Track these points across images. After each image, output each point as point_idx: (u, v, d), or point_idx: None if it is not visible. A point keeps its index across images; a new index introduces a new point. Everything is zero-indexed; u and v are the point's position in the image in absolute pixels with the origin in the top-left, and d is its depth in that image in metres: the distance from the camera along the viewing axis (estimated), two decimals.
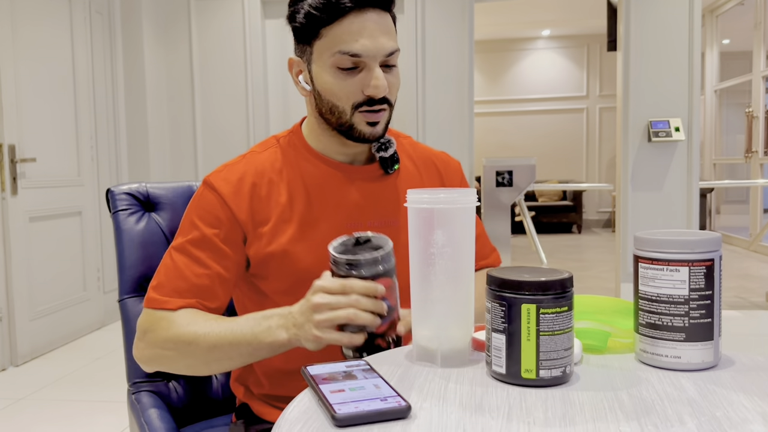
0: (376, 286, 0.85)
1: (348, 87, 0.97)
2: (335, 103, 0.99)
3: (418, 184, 1.11)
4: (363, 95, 0.97)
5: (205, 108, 4.31)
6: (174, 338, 0.93)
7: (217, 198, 1.01)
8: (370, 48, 0.94)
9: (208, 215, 1.00)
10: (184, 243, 1.00)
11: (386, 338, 0.88)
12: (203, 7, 4.26)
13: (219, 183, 1.02)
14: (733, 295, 4.45)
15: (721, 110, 7.48)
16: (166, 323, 0.94)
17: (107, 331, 3.81)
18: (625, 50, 3.98)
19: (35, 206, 3.32)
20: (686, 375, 0.76)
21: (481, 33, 8.04)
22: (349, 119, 0.99)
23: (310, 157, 1.05)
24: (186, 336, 0.93)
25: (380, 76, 0.96)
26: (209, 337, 0.92)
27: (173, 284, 0.97)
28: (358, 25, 0.94)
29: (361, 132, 0.99)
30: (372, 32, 0.94)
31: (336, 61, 0.96)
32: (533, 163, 3.98)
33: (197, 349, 0.92)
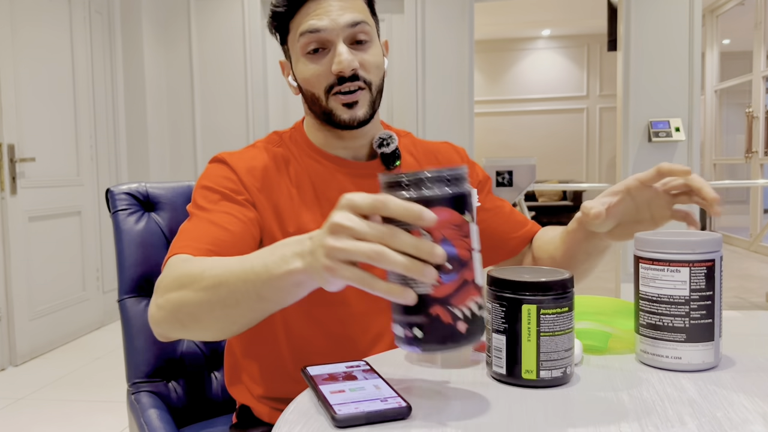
0: (421, 210, 0.57)
1: (317, 69, 0.97)
2: (312, 91, 0.99)
3: None
4: (333, 76, 0.97)
5: (204, 108, 4.31)
6: (180, 275, 0.78)
7: (229, 169, 0.99)
8: (328, 22, 0.95)
9: (221, 179, 0.97)
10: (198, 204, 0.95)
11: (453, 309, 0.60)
12: (203, 7, 4.26)
13: (231, 159, 1.00)
14: (733, 295, 4.45)
15: (721, 110, 7.48)
16: (174, 265, 0.82)
17: (107, 331, 3.81)
18: (625, 50, 3.98)
19: (34, 206, 3.32)
20: (687, 376, 0.75)
21: (481, 33, 8.04)
22: (326, 105, 0.99)
23: (313, 153, 1.05)
24: (192, 271, 0.77)
25: (343, 51, 0.95)
26: (216, 270, 0.74)
27: (190, 237, 0.90)
28: (315, 5, 0.96)
29: (340, 117, 0.99)
30: (329, 9, 0.95)
31: (302, 46, 0.96)
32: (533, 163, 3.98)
33: (201, 286, 0.75)
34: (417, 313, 0.61)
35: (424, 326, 0.61)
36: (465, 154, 1.19)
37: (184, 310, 0.77)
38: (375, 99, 1.01)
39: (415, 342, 0.62)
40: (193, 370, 1.27)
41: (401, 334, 0.63)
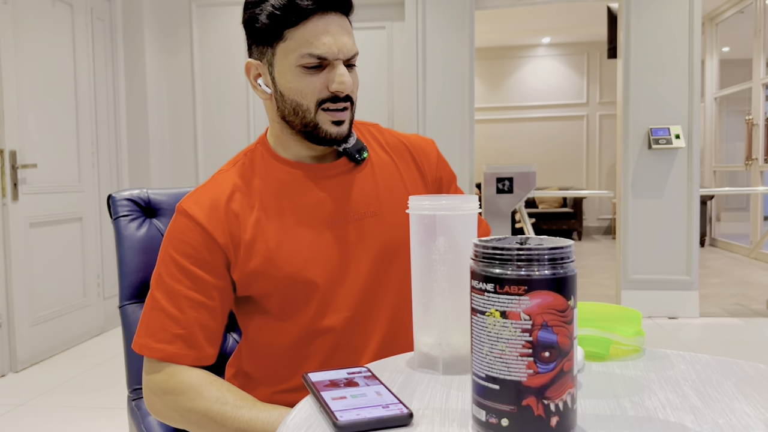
0: None
1: (313, 84, 0.98)
2: (299, 101, 0.99)
3: (393, 170, 1.11)
4: (328, 92, 0.99)
5: (205, 114, 4.32)
6: (202, 412, 0.94)
7: (193, 223, 0.99)
8: (335, 48, 0.97)
9: (184, 245, 0.99)
10: (162, 279, 0.99)
11: (547, 402, 0.58)
12: (204, 13, 4.27)
13: (192, 208, 1.00)
14: (734, 302, 4.45)
15: (721, 118, 7.49)
16: (193, 393, 0.95)
17: (107, 338, 3.81)
18: (625, 57, 3.99)
19: (36, 212, 3.32)
20: (688, 382, 0.75)
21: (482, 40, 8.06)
22: (313, 118, 1.00)
23: (279, 164, 1.05)
24: (215, 414, 0.94)
25: (345, 73, 0.98)
26: (238, 422, 0.93)
27: (165, 329, 0.97)
28: (323, 27, 0.96)
29: (327, 132, 1.00)
30: (336, 33, 0.97)
31: (302, 61, 0.97)
32: (533, 170, 3.98)
33: (223, 430, 0.93)
34: (507, 401, 0.58)
35: (512, 416, 0.58)
36: (434, 146, 1.19)
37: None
38: (353, 115, 1.05)
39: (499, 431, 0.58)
40: None
41: (483, 418, 0.59)
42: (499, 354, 0.58)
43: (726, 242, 7.32)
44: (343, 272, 1.02)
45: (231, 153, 4.25)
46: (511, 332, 0.57)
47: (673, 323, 3.88)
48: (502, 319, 0.57)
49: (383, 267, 1.05)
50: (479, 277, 0.59)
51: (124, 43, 4.12)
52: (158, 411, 0.99)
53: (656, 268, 4.02)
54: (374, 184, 1.07)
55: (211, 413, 0.94)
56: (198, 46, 4.28)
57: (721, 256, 6.76)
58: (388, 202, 1.07)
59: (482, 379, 0.59)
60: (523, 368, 0.57)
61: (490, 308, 0.58)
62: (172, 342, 0.97)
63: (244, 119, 4.27)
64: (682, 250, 3.99)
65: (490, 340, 0.58)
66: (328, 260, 1.01)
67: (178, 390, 0.96)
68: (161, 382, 0.97)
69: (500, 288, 0.57)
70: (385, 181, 1.09)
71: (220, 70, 4.28)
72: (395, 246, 1.05)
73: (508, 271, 0.57)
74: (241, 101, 4.27)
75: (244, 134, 4.28)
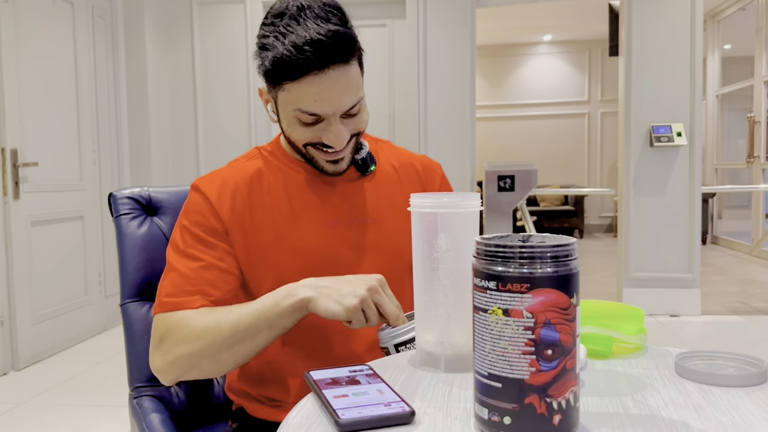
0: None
1: (306, 134, 1.01)
2: (293, 142, 1.04)
3: (397, 184, 1.14)
4: (320, 140, 1.01)
5: (207, 112, 4.32)
6: (195, 331, 0.93)
7: (203, 197, 1.04)
8: (329, 109, 0.97)
9: (195, 215, 1.04)
10: (177, 245, 1.03)
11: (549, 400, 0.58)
12: (205, 11, 4.27)
13: (204, 185, 1.06)
14: (736, 300, 4.44)
15: (722, 115, 7.48)
16: (184, 323, 0.94)
17: (109, 336, 3.81)
18: (626, 55, 3.98)
19: (37, 210, 3.32)
20: (691, 380, 0.75)
21: (483, 38, 8.05)
22: (305, 153, 1.04)
23: (290, 164, 1.09)
24: (207, 324, 0.93)
25: (339, 132, 0.99)
26: (230, 317, 0.92)
27: (177, 286, 0.98)
28: (317, 86, 0.94)
29: (323, 168, 1.05)
30: (331, 93, 0.95)
31: (296, 115, 0.98)
32: (535, 167, 3.98)
33: (219, 334, 0.91)
34: (509, 399, 0.58)
35: (515, 414, 0.57)
36: (440, 170, 1.22)
37: (205, 358, 0.93)
38: (357, 141, 1.06)
39: (502, 429, 0.58)
40: None
41: (486, 416, 0.59)
42: (502, 352, 0.58)
43: (728, 240, 7.31)
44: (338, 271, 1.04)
45: (232, 151, 4.25)
46: (514, 330, 0.57)
47: (675, 321, 3.88)
48: (504, 317, 0.57)
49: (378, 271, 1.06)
50: (481, 275, 0.59)
51: (125, 42, 4.12)
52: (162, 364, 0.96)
53: (658, 266, 4.02)
54: (377, 195, 1.11)
55: (203, 325, 0.93)
56: (199, 44, 4.28)
57: (722, 254, 6.75)
58: (389, 213, 1.10)
59: (484, 377, 0.59)
60: (525, 366, 0.57)
61: (493, 306, 0.58)
62: (178, 294, 0.98)
63: (245, 117, 4.27)
64: (683, 248, 3.98)
65: (492, 338, 0.58)
66: (324, 257, 1.04)
67: (172, 328, 0.95)
68: (158, 330, 0.97)
69: (503, 286, 0.57)
70: (387, 194, 1.12)
71: (221, 68, 4.27)
72: (393, 255, 1.08)
73: (511, 269, 0.57)
74: (242, 99, 4.26)
75: (245, 132, 4.28)
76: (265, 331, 0.91)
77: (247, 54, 4.22)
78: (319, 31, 0.92)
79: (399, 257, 1.10)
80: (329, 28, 0.93)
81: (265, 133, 4.25)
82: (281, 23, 0.94)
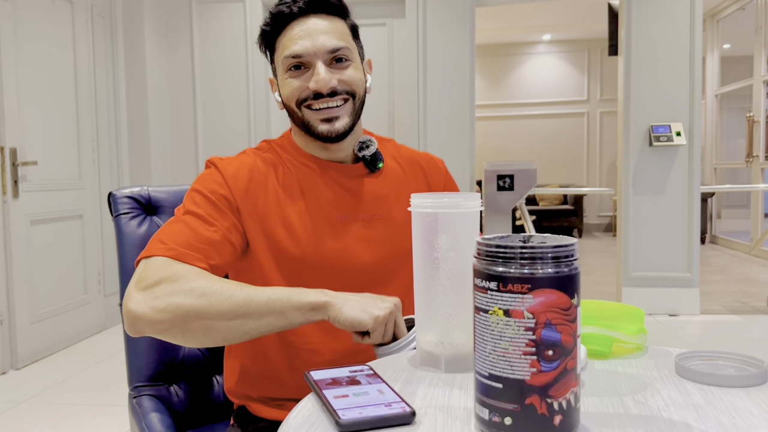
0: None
1: (295, 84, 1.04)
2: (289, 105, 1.06)
3: (403, 181, 1.16)
4: (309, 91, 1.03)
5: (206, 111, 4.31)
6: (204, 288, 0.88)
7: (219, 172, 1.05)
8: (309, 47, 1.02)
9: (211, 183, 1.04)
10: (187, 206, 1.01)
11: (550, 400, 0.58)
12: (205, 10, 4.26)
13: (221, 163, 1.07)
14: (734, 299, 4.45)
15: (721, 115, 7.48)
16: (193, 275, 0.90)
17: (108, 335, 3.81)
18: (626, 55, 3.98)
19: (36, 209, 3.32)
20: (691, 381, 0.75)
21: (482, 37, 8.05)
22: (302, 116, 1.06)
23: (301, 158, 1.11)
24: (218, 287, 0.88)
25: (321, 71, 1.02)
26: (245, 290, 0.88)
27: (185, 238, 0.95)
28: (298, 29, 1.03)
29: (317, 129, 1.05)
30: (311, 33, 1.02)
31: (284, 65, 1.04)
32: (534, 167, 3.98)
33: (228, 301, 0.87)
34: (510, 399, 0.57)
35: (515, 415, 0.57)
36: (443, 165, 1.24)
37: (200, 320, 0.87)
38: (357, 110, 1.08)
39: (502, 430, 0.58)
40: (195, 374, 1.27)
41: (486, 417, 0.59)
42: (503, 352, 0.58)
43: (727, 239, 7.32)
44: (345, 265, 1.06)
45: (232, 150, 4.25)
46: (515, 331, 0.57)
47: (674, 320, 3.88)
48: (505, 318, 0.57)
49: (387, 268, 1.09)
50: (482, 276, 0.59)
51: (125, 40, 4.11)
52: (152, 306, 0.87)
53: (657, 266, 4.02)
54: (385, 191, 1.12)
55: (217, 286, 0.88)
56: (198, 42, 4.27)
57: (721, 254, 6.76)
58: (397, 209, 1.12)
59: (485, 377, 0.59)
60: (526, 367, 0.57)
61: (493, 306, 0.58)
62: (184, 246, 0.94)
63: (245, 116, 4.27)
64: (682, 248, 3.98)
65: (493, 338, 0.58)
66: (335, 252, 1.05)
67: (177, 275, 0.90)
68: (156, 272, 0.90)
69: (503, 286, 0.57)
70: (395, 190, 1.14)
71: (220, 67, 4.27)
72: (402, 251, 1.09)
73: (512, 269, 0.57)
74: (241, 98, 4.26)
75: (244, 131, 4.27)
76: (273, 317, 0.88)
77: (247, 53, 4.22)
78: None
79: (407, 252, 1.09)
80: None
81: (265, 133, 4.25)
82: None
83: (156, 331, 0.87)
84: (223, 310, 0.87)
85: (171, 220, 1.01)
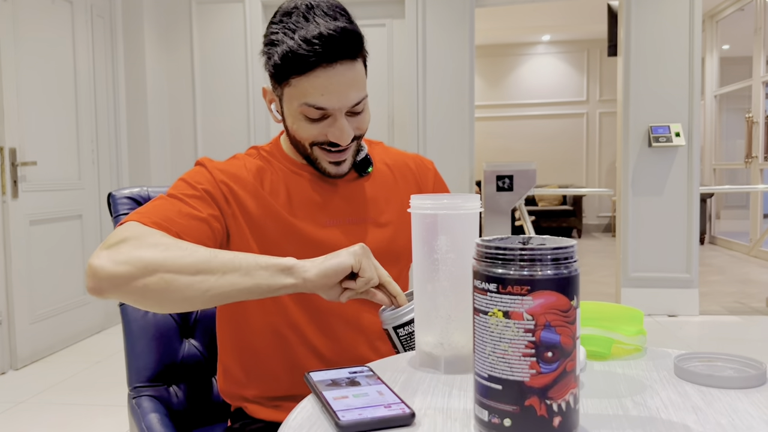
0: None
1: (311, 131, 1.02)
2: (298, 140, 1.04)
3: (392, 183, 1.16)
4: (326, 138, 1.02)
5: (206, 112, 4.31)
6: (167, 242, 0.86)
7: (207, 172, 1.04)
8: (336, 103, 0.98)
9: (199, 177, 1.03)
10: (171, 192, 1.00)
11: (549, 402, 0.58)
12: (204, 11, 4.26)
13: (210, 164, 1.06)
14: (733, 300, 4.45)
15: (721, 115, 7.48)
16: (159, 234, 0.88)
17: (107, 335, 3.81)
18: (625, 55, 3.98)
19: (36, 209, 3.32)
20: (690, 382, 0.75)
21: (482, 38, 8.05)
22: (310, 153, 1.05)
23: (289, 165, 1.10)
24: (182, 243, 0.86)
25: (344, 127, 1.00)
26: (212, 249, 0.86)
27: (164, 215, 0.94)
28: (325, 79, 0.96)
29: (325, 169, 1.06)
30: (338, 87, 0.97)
31: (303, 110, 0.99)
32: (533, 167, 3.98)
33: (190, 256, 0.84)
34: (510, 401, 0.57)
35: (515, 416, 0.57)
36: (433, 166, 1.24)
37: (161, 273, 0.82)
38: (359, 145, 1.08)
39: (502, 431, 0.58)
40: (194, 375, 1.27)
41: (486, 418, 0.59)
42: (502, 354, 0.58)
43: (726, 240, 7.32)
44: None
45: (231, 150, 4.25)
46: (514, 332, 0.57)
47: (673, 321, 3.88)
48: (504, 319, 0.57)
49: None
50: (482, 277, 0.59)
51: (124, 41, 4.11)
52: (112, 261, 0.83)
53: (656, 266, 4.02)
54: (374, 194, 1.12)
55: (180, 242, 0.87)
56: (198, 43, 4.27)
57: (720, 254, 6.76)
58: (387, 212, 1.12)
59: (485, 379, 0.59)
60: (525, 368, 0.57)
61: (493, 308, 0.58)
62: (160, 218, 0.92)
63: (244, 116, 4.27)
64: (682, 248, 3.99)
65: (492, 340, 0.58)
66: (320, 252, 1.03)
67: (144, 234, 0.87)
68: (123, 232, 0.87)
69: (503, 288, 0.57)
70: (385, 193, 1.13)
71: (220, 67, 4.27)
72: (393, 254, 1.09)
73: (511, 271, 0.57)
74: (241, 98, 4.26)
75: (244, 131, 4.27)
76: (237, 275, 0.83)
77: (246, 53, 4.22)
78: (328, 27, 0.94)
79: (399, 255, 1.11)
80: (338, 24, 0.95)
81: (264, 133, 4.25)
82: (290, 20, 0.97)
83: (115, 285, 0.83)
84: (185, 263, 0.83)
85: (154, 199, 0.99)
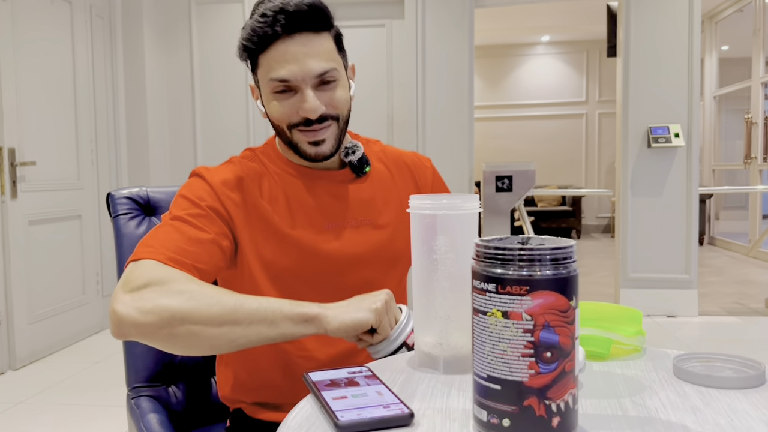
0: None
1: (284, 109, 1.01)
2: (277, 124, 1.04)
3: (390, 183, 1.15)
4: (299, 116, 1.01)
5: (205, 112, 4.31)
6: (193, 291, 0.85)
7: (205, 183, 1.03)
8: (297, 72, 0.98)
9: (198, 191, 1.02)
10: (174, 212, 0.99)
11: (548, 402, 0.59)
12: (204, 11, 4.26)
13: (207, 173, 1.05)
14: (733, 301, 4.45)
15: (720, 116, 7.49)
16: (183, 279, 0.87)
17: (106, 335, 3.80)
18: (624, 56, 3.98)
19: (35, 210, 3.32)
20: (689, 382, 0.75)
21: (481, 38, 8.05)
22: (291, 137, 1.04)
23: (286, 167, 1.09)
24: (208, 291, 0.86)
25: (310, 98, 0.99)
26: (235, 296, 0.86)
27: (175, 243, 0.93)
28: (284, 50, 0.98)
29: (305, 152, 1.04)
30: (298, 57, 0.98)
31: (271, 87, 1.00)
32: (533, 168, 3.98)
33: (217, 305, 0.84)
34: (508, 401, 0.58)
35: (514, 417, 0.57)
36: (430, 164, 1.23)
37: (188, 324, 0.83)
38: (342, 130, 1.06)
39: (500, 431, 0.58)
40: (193, 375, 1.27)
41: (485, 419, 0.59)
42: (501, 354, 0.58)
43: (725, 241, 7.33)
44: (335, 273, 1.05)
45: (230, 151, 4.25)
46: (513, 332, 0.57)
47: (672, 322, 3.89)
48: (503, 320, 0.57)
49: (378, 272, 1.08)
50: (481, 277, 0.59)
51: (124, 41, 4.11)
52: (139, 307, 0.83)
53: (655, 267, 4.02)
54: (372, 195, 1.11)
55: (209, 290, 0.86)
56: (197, 43, 4.27)
57: (719, 255, 6.76)
58: (385, 213, 1.11)
59: (484, 379, 0.59)
60: (524, 368, 0.57)
61: (492, 308, 0.58)
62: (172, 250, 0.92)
63: (244, 117, 4.27)
64: (681, 249, 3.99)
65: (491, 340, 0.58)
66: (321, 260, 1.05)
67: (166, 279, 0.86)
68: (145, 275, 0.87)
69: (502, 288, 0.57)
70: (383, 193, 1.13)
71: (219, 68, 4.27)
72: (392, 254, 1.09)
73: (510, 271, 0.57)
74: (240, 99, 4.26)
75: (243, 132, 4.27)
76: (263, 325, 0.84)
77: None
78: (286, 1, 0.97)
79: (398, 256, 1.11)
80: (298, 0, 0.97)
81: (264, 133, 4.25)
82: (259, 5, 1.00)
83: (141, 333, 0.84)
84: (212, 314, 0.83)
85: (158, 226, 0.98)
